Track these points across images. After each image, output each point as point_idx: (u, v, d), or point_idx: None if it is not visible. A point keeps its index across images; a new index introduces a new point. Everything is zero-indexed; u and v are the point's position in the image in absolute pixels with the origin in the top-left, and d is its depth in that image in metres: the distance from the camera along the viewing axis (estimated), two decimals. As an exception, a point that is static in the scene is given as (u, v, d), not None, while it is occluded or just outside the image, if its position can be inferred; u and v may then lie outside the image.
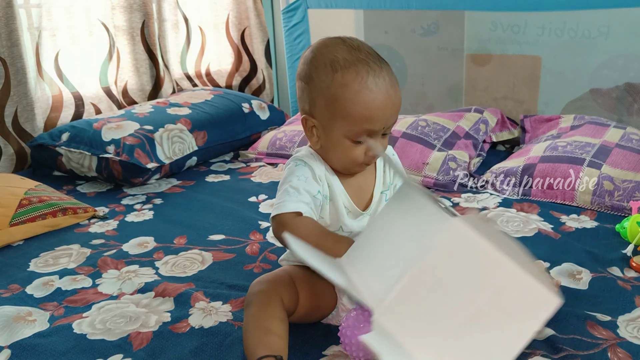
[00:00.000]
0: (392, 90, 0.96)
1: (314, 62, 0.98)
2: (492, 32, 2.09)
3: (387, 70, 0.97)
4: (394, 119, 0.99)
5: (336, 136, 0.98)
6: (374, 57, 0.96)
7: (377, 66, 0.95)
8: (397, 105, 0.97)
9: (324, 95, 0.96)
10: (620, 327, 0.98)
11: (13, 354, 0.97)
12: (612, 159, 1.58)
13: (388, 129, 0.99)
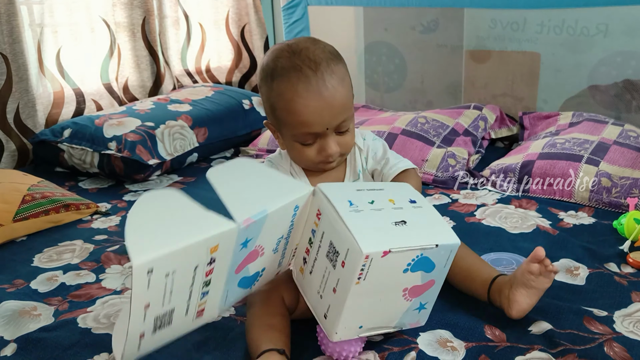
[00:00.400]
0: (327, 92, 0.95)
1: (262, 71, 1.03)
2: (492, 29, 2.10)
3: (324, 72, 0.96)
4: (339, 118, 0.98)
5: (287, 140, 1.04)
6: (310, 61, 0.97)
7: (311, 70, 0.96)
8: (337, 107, 0.97)
9: (268, 103, 1.02)
10: (616, 322, 0.99)
11: (19, 347, 0.98)
12: (610, 156, 1.59)
13: (340, 127, 1.00)
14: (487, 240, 1.33)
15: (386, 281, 0.82)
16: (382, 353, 0.91)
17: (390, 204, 0.87)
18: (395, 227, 0.82)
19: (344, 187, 0.90)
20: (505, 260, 1.18)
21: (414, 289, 0.86)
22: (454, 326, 0.99)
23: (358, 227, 0.80)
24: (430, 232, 0.84)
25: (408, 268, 0.82)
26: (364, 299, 0.82)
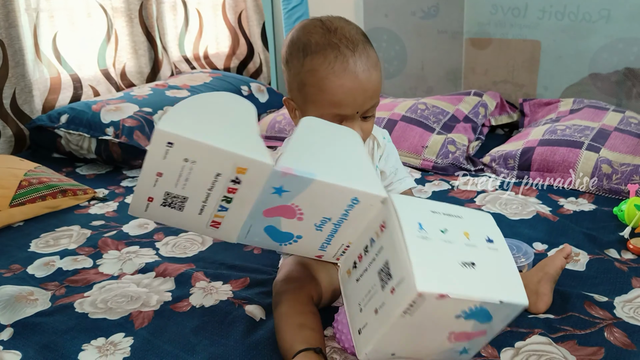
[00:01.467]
0: (364, 75, 0.93)
1: (291, 45, 0.98)
2: (493, 15, 2.08)
3: (362, 54, 0.93)
4: (370, 103, 0.96)
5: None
6: (347, 41, 0.93)
7: (349, 50, 0.93)
8: (370, 91, 0.94)
9: (297, 79, 0.97)
10: (617, 308, 0.99)
11: (15, 332, 0.98)
12: (610, 142, 1.58)
13: (367, 112, 0.97)
14: (487, 227, 1.32)
15: (434, 321, 0.75)
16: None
17: (463, 238, 0.78)
18: (461, 269, 0.74)
19: (419, 205, 0.81)
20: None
21: (462, 334, 0.78)
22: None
23: (420, 258, 0.72)
24: (498, 285, 0.75)
25: (462, 315, 0.74)
26: (405, 331, 0.76)
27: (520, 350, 0.88)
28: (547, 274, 0.98)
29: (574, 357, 0.87)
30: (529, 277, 0.99)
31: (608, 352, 0.88)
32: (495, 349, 0.89)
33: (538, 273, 0.99)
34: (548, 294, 0.98)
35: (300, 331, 0.86)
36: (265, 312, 1.00)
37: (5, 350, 0.93)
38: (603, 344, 0.90)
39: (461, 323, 0.75)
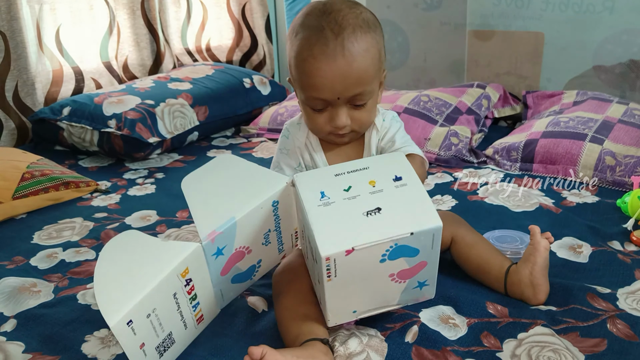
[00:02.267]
0: (343, 60, 0.90)
1: (291, 26, 0.99)
2: (496, 6, 2.07)
3: (347, 39, 0.90)
4: (352, 91, 0.93)
5: (301, 103, 1.00)
6: (335, 24, 0.91)
7: (332, 34, 0.90)
8: (351, 78, 0.91)
9: (289, 60, 0.98)
10: (619, 300, 0.99)
11: (19, 323, 0.98)
12: (614, 134, 1.58)
13: (355, 100, 0.94)
14: (489, 219, 1.32)
15: (364, 272, 0.79)
16: (384, 332, 0.91)
17: (369, 187, 0.82)
18: (366, 219, 0.78)
19: (323, 175, 0.85)
20: (510, 238, 1.17)
21: (403, 273, 0.82)
22: (456, 302, 0.98)
23: (321, 225, 0.77)
24: (407, 219, 0.78)
25: (384, 258, 0.78)
26: (345, 289, 0.80)
27: (523, 342, 0.88)
28: (535, 263, 0.96)
29: (576, 348, 0.87)
30: (520, 272, 0.98)
31: (611, 343, 0.88)
32: (498, 339, 0.89)
33: (527, 265, 0.97)
34: (544, 283, 0.97)
35: (305, 321, 0.86)
36: (267, 303, 1.00)
37: (8, 341, 0.93)
38: (606, 335, 0.89)
39: (391, 264, 0.79)
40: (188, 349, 0.89)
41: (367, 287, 0.82)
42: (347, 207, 0.79)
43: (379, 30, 0.97)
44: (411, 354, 0.86)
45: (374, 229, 0.77)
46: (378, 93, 1.00)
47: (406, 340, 0.89)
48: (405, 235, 0.77)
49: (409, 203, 0.80)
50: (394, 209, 0.79)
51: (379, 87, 1.00)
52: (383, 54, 0.98)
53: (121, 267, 0.76)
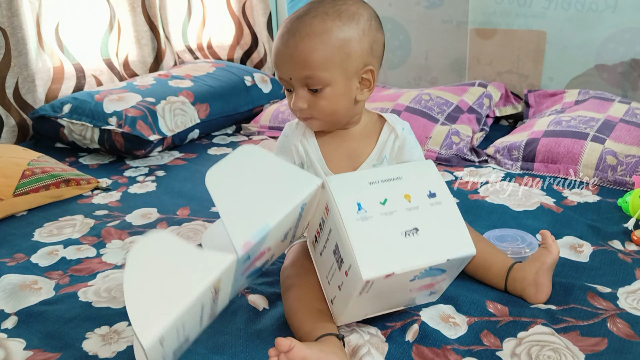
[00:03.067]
0: (293, 40, 0.92)
1: None
2: (498, 4, 2.06)
3: (304, 21, 0.93)
4: (300, 72, 0.93)
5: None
6: (304, 9, 0.95)
7: (295, 15, 0.94)
8: (297, 58, 0.92)
9: None
10: (620, 299, 0.99)
11: (20, 320, 0.98)
12: (615, 133, 1.57)
13: (307, 84, 0.94)
14: (490, 218, 1.32)
15: (393, 289, 0.81)
16: (384, 331, 0.91)
17: (404, 203, 0.81)
18: (404, 239, 0.78)
19: (356, 181, 0.83)
20: (510, 237, 1.17)
21: (424, 286, 0.85)
22: (456, 301, 0.98)
23: (362, 243, 0.76)
24: (443, 243, 0.79)
25: (415, 278, 0.80)
26: (369, 300, 0.82)
27: (523, 341, 0.88)
28: (544, 263, 0.97)
29: (576, 347, 0.87)
30: (527, 269, 0.98)
31: (611, 342, 0.88)
32: (498, 338, 0.89)
33: (535, 264, 0.98)
34: (547, 283, 0.98)
35: (319, 316, 0.87)
36: (268, 302, 1.00)
37: (9, 338, 0.93)
38: (606, 334, 0.90)
39: (418, 282, 0.82)
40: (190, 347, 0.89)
41: (388, 298, 0.84)
42: (385, 224, 0.79)
43: (362, 24, 0.95)
44: (411, 353, 0.86)
45: (412, 252, 0.78)
46: (347, 85, 0.96)
47: (406, 339, 0.88)
48: (441, 262, 0.79)
49: (445, 225, 0.81)
50: (431, 230, 0.80)
51: (353, 81, 0.97)
52: (361, 48, 0.95)
53: (153, 277, 0.71)
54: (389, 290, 0.81)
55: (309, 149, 1.03)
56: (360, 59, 0.96)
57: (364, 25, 0.95)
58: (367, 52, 0.96)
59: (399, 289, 0.83)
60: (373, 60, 0.98)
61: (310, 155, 1.02)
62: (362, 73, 0.97)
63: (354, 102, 0.99)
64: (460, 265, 0.83)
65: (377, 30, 0.98)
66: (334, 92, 0.96)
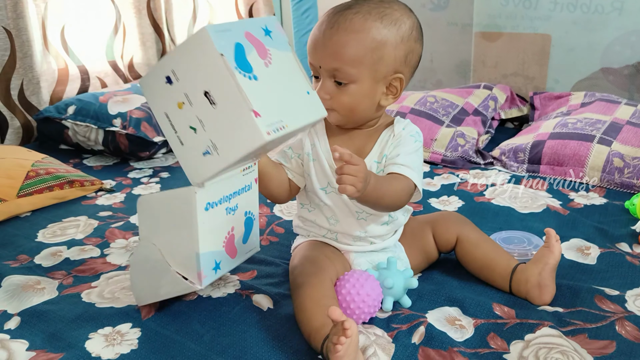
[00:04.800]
0: (329, 31, 0.94)
1: None
2: (504, 7, 2.06)
3: (343, 15, 0.94)
4: (329, 63, 0.94)
5: None
6: (351, 2, 0.96)
7: (340, 10, 0.95)
8: (329, 48, 0.93)
9: None
10: (628, 302, 0.98)
11: (22, 320, 0.97)
12: (622, 136, 1.56)
13: (334, 75, 0.94)
14: (496, 220, 1.31)
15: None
16: (390, 332, 0.90)
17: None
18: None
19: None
20: (517, 239, 1.16)
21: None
22: (462, 303, 0.97)
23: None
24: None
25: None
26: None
27: (530, 343, 0.87)
28: (547, 264, 0.97)
29: (584, 350, 0.86)
30: (529, 271, 0.98)
31: (620, 345, 0.87)
32: (505, 341, 0.88)
33: (537, 265, 0.98)
34: (551, 285, 0.97)
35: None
36: (272, 301, 0.99)
37: (12, 339, 0.93)
38: (614, 337, 0.88)
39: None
40: (193, 347, 0.88)
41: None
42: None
43: (403, 31, 0.94)
44: (418, 356, 0.85)
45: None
46: (373, 88, 0.96)
47: (413, 341, 0.88)
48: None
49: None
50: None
51: (380, 85, 0.96)
52: (395, 55, 0.94)
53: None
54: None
55: (317, 142, 1.02)
56: (392, 64, 0.95)
57: (404, 33, 0.95)
58: (401, 60, 0.96)
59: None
60: (405, 69, 0.97)
61: (317, 148, 1.02)
62: (390, 79, 0.96)
63: (377, 105, 0.98)
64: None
65: (416, 41, 0.97)
66: (358, 91, 0.96)
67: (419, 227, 1.09)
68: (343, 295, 0.91)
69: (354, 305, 0.90)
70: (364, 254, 1.03)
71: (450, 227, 1.07)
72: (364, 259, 1.02)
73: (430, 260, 1.09)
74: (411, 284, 0.97)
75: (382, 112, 1.02)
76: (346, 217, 1.02)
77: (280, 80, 0.85)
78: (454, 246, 1.07)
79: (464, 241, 1.05)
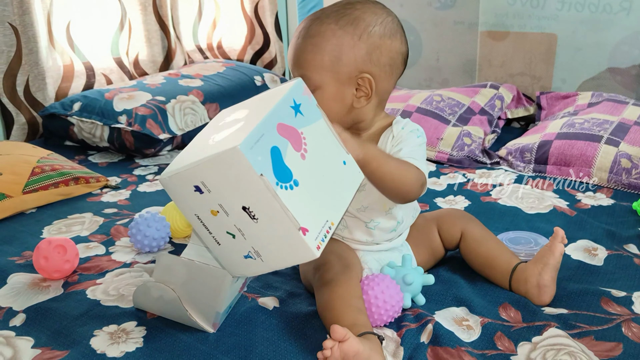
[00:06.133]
0: (294, 40, 0.96)
1: None
2: (511, 6, 2.05)
3: (309, 24, 0.94)
4: (294, 69, 0.96)
5: None
6: (320, 10, 0.96)
7: (306, 18, 0.96)
8: (292, 56, 0.95)
9: None
10: (635, 303, 0.97)
11: (28, 317, 0.97)
12: (630, 136, 1.55)
13: (308, 85, 0.91)
14: (503, 220, 1.30)
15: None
16: (399, 331, 0.90)
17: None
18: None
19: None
20: (524, 239, 1.15)
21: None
22: (469, 304, 0.97)
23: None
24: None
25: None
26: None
27: (538, 345, 0.87)
28: (547, 264, 0.96)
29: (592, 352, 0.85)
30: (529, 270, 0.97)
31: (627, 347, 0.86)
32: (512, 342, 0.88)
33: (538, 265, 0.97)
34: (550, 285, 0.97)
35: (359, 315, 0.86)
36: (278, 301, 0.99)
37: (17, 336, 0.93)
38: (621, 339, 0.88)
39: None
40: (198, 346, 0.88)
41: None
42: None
43: (360, 30, 0.92)
44: (427, 354, 0.85)
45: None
46: (340, 91, 0.94)
47: (422, 340, 0.87)
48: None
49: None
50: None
51: (348, 87, 0.94)
52: (355, 54, 0.92)
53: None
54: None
55: None
56: (354, 64, 0.93)
57: (362, 31, 0.92)
58: (363, 59, 0.93)
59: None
60: (373, 68, 0.94)
61: None
62: (357, 80, 0.94)
63: (350, 108, 0.96)
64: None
65: (380, 37, 0.93)
66: (324, 95, 0.94)
67: (425, 224, 1.09)
68: (368, 297, 0.90)
69: (378, 310, 0.90)
70: (371, 252, 1.03)
71: (456, 223, 1.07)
72: (371, 256, 1.02)
73: (437, 258, 1.09)
74: (428, 281, 0.97)
75: (365, 114, 0.98)
76: (355, 225, 1.01)
77: (319, 167, 0.79)
78: (458, 242, 1.06)
79: (468, 237, 1.05)
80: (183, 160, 0.78)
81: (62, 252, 1.08)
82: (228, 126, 0.79)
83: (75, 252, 1.11)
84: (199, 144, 0.80)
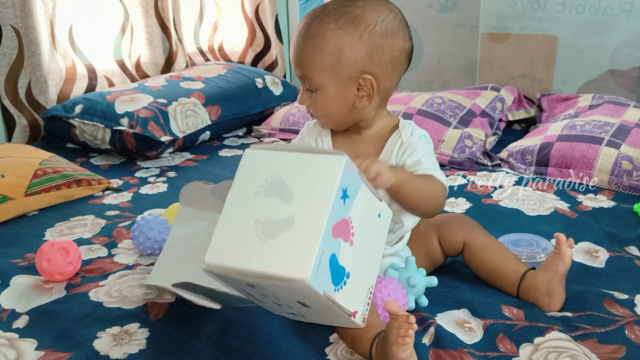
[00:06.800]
0: (295, 40, 0.95)
1: None
2: (512, 8, 2.05)
3: (309, 22, 0.93)
4: (297, 70, 0.96)
5: None
6: (320, 7, 0.95)
7: (306, 16, 0.95)
8: (294, 56, 0.95)
9: None
10: (637, 305, 0.97)
11: (31, 319, 0.98)
12: (631, 138, 1.55)
13: (303, 81, 0.95)
14: (504, 222, 1.31)
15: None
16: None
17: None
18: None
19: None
20: (525, 242, 1.15)
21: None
22: (471, 304, 0.97)
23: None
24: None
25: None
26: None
27: (540, 347, 0.87)
28: (557, 272, 0.95)
29: (594, 354, 0.85)
30: (538, 279, 0.96)
31: (629, 350, 0.86)
32: (514, 344, 0.88)
33: (547, 273, 0.96)
34: (560, 293, 0.96)
35: (372, 315, 0.86)
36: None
37: (21, 338, 0.93)
38: (624, 342, 0.88)
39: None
40: (201, 347, 0.88)
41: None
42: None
43: (361, 29, 0.91)
44: (429, 356, 0.85)
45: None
46: (341, 91, 0.94)
47: (423, 342, 0.88)
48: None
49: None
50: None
51: (350, 87, 0.94)
52: (355, 54, 0.91)
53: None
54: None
55: (320, 145, 1.03)
56: (354, 65, 0.92)
57: (362, 31, 0.91)
58: (364, 59, 0.92)
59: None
60: (375, 69, 0.93)
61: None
62: (358, 80, 0.93)
63: (352, 107, 0.95)
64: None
65: (381, 36, 0.92)
66: (325, 96, 0.94)
67: (425, 230, 1.07)
68: (376, 300, 0.90)
69: (385, 311, 0.89)
70: None
71: (458, 231, 1.05)
72: None
73: (435, 265, 1.08)
74: (431, 282, 0.97)
75: (367, 113, 0.98)
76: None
77: (364, 241, 0.79)
78: (461, 250, 1.05)
79: (472, 246, 1.03)
80: (228, 245, 0.75)
81: (65, 254, 1.09)
82: (276, 219, 0.74)
83: (78, 254, 1.12)
84: (242, 225, 0.76)
